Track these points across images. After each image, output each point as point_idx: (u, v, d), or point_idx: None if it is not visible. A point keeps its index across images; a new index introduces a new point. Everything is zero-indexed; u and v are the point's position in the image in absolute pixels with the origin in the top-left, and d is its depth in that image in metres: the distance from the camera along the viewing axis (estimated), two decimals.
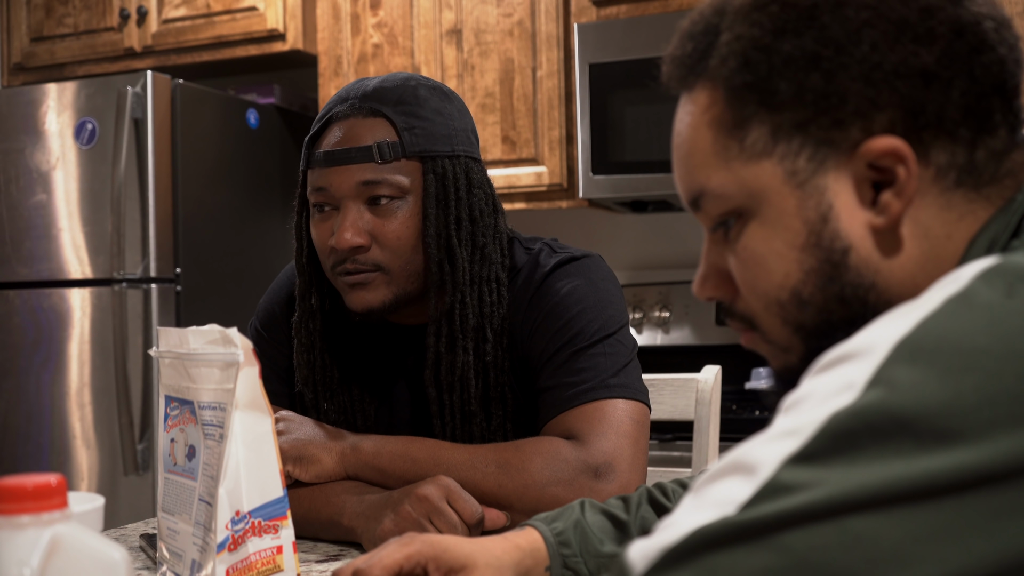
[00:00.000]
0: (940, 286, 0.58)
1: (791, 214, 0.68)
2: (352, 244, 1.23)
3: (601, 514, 0.99)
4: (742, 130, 0.70)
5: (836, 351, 0.57)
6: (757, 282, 0.71)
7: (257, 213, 3.07)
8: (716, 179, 0.71)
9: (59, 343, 2.81)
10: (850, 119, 0.67)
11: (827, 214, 0.67)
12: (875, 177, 0.67)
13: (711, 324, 2.84)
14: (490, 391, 1.29)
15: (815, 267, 0.68)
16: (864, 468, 0.50)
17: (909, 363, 0.52)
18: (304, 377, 1.35)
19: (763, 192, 0.69)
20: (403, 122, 1.25)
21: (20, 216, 2.86)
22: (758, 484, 0.52)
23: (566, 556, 0.94)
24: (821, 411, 0.53)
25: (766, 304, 0.71)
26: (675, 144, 0.75)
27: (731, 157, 0.70)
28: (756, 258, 0.70)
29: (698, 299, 0.76)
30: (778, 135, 0.68)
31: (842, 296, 0.68)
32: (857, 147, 0.67)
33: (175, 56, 3.16)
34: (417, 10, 2.90)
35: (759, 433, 0.56)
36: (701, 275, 0.76)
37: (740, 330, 0.75)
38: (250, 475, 0.92)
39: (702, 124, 0.72)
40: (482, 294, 1.28)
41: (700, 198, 0.73)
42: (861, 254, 0.68)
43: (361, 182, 1.24)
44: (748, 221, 0.70)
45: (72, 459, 2.80)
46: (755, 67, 0.69)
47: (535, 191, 2.80)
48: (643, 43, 2.59)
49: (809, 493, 0.50)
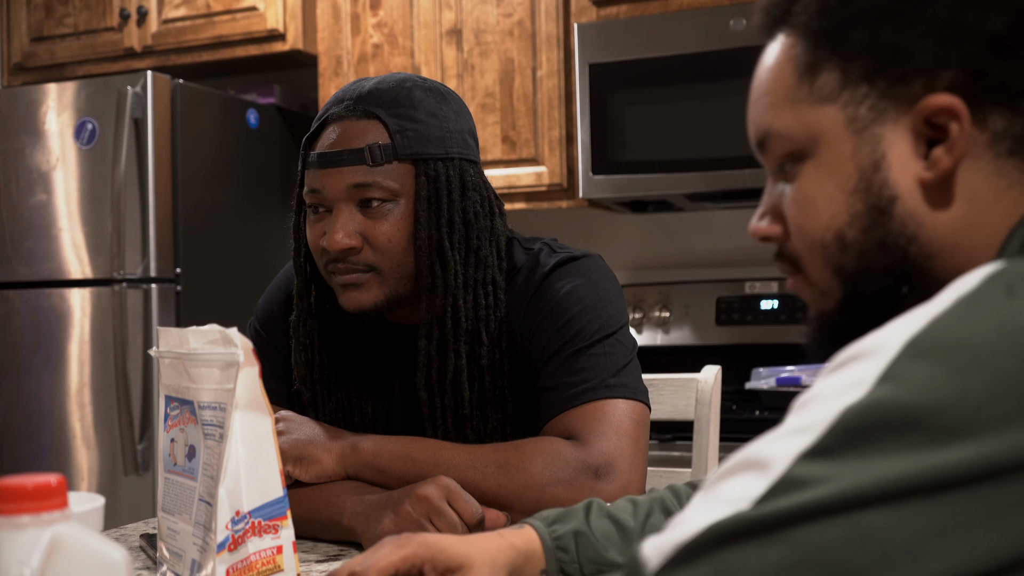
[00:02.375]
0: (953, 288, 0.59)
1: (846, 159, 0.71)
2: (342, 246, 1.23)
3: (607, 519, 0.98)
4: (813, 74, 0.73)
5: (847, 352, 0.58)
6: (806, 222, 0.74)
7: (257, 213, 3.07)
8: (782, 120, 0.75)
9: (59, 343, 2.81)
10: (914, 75, 0.69)
11: (879, 162, 0.70)
12: (930, 134, 0.69)
13: (711, 324, 2.84)
14: (486, 394, 1.29)
15: (861, 212, 0.71)
16: (876, 463, 0.52)
17: (919, 360, 0.54)
18: (302, 376, 1.35)
19: (823, 135, 0.72)
20: (396, 124, 1.25)
21: (20, 216, 2.86)
22: (772, 480, 0.53)
23: (563, 561, 0.94)
24: (833, 407, 0.54)
25: (811, 244, 0.74)
26: (752, 87, 0.79)
27: (800, 99, 0.74)
28: (808, 198, 0.74)
29: (752, 237, 0.81)
30: (845, 82, 0.71)
31: (884, 243, 0.71)
32: (916, 102, 0.69)
33: (175, 56, 3.16)
34: (417, 10, 2.90)
35: (770, 430, 0.57)
36: (758, 213, 0.80)
37: (786, 272, 0.79)
38: (250, 475, 0.92)
39: (779, 67, 0.76)
40: (477, 297, 1.28)
41: (765, 138, 0.76)
42: (907, 205, 0.70)
43: (352, 185, 1.24)
44: (805, 162, 0.74)
45: (72, 459, 2.80)
46: (832, 15, 0.72)
47: (535, 191, 2.80)
48: (643, 43, 2.59)
49: (822, 488, 0.51)
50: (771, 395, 2.46)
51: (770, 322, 2.78)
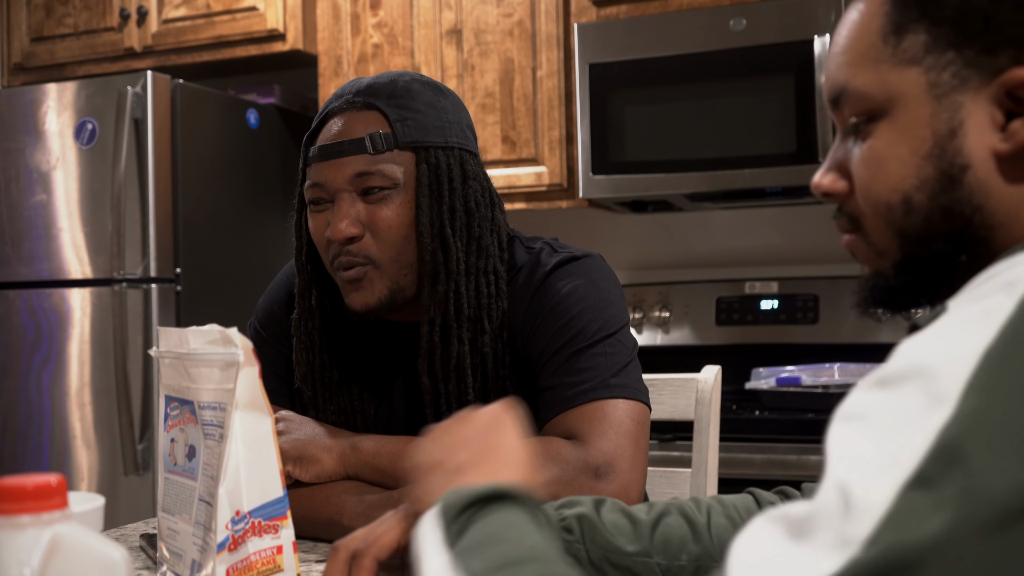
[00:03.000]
0: (1002, 282, 0.58)
1: (922, 123, 0.71)
2: (346, 235, 1.24)
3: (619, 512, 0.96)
4: (899, 36, 0.73)
5: (897, 366, 0.56)
6: (874, 182, 0.74)
7: (257, 213, 3.07)
8: (861, 78, 0.74)
9: (59, 343, 2.81)
10: (1002, 46, 0.69)
11: (956, 130, 0.70)
12: (1010, 107, 0.69)
13: (711, 324, 2.84)
14: (489, 383, 1.29)
15: (932, 177, 0.71)
16: (984, 482, 0.49)
17: (1005, 369, 0.52)
18: (303, 375, 1.35)
19: (902, 97, 0.72)
20: (396, 114, 1.26)
21: (20, 216, 2.86)
22: (877, 517, 0.50)
23: (567, 542, 0.93)
24: (922, 430, 0.52)
25: (875, 204, 0.74)
26: (833, 42, 0.79)
27: (882, 59, 0.73)
28: (879, 158, 0.73)
29: (814, 192, 0.80)
30: (932, 47, 0.71)
31: (949, 210, 0.71)
32: (1001, 73, 0.69)
33: (175, 56, 3.16)
34: (417, 10, 2.90)
35: (837, 457, 0.54)
36: (824, 168, 0.79)
37: (844, 230, 0.79)
38: (250, 475, 0.92)
39: (864, 25, 0.75)
40: (479, 285, 1.28)
41: (841, 95, 0.76)
42: (978, 175, 0.70)
43: (354, 174, 1.24)
44: (880, 122, 0.73)
45: (72, 459, 2.80)
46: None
47: (535, 191, 2.80)
48: (643, 43, 2.59)
49: (937, 519, 0.49)
50: (771, 395, 2.46)
51: (770, 322, 2.78)
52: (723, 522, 0.99)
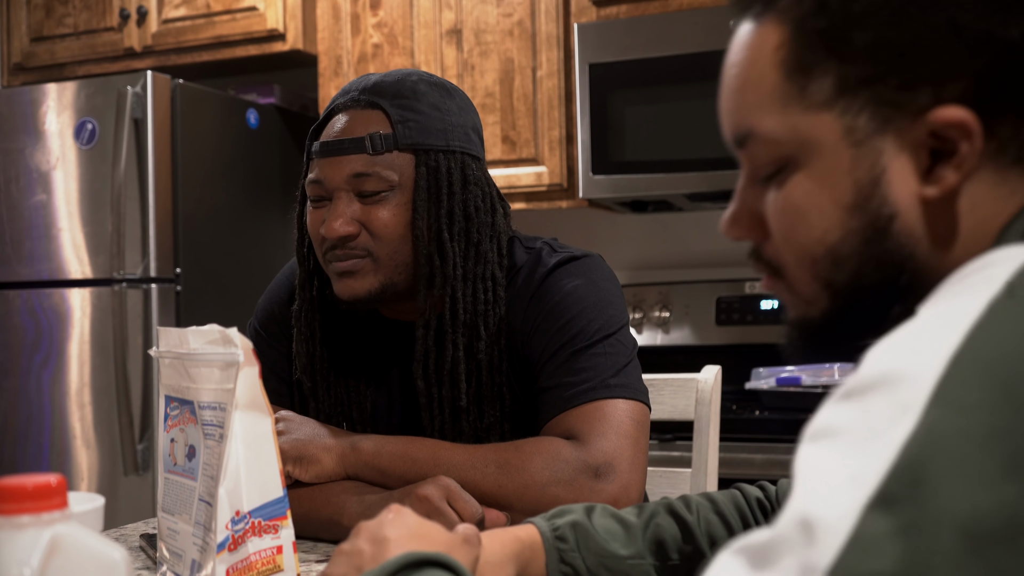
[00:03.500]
0: (969, 283, 0.55)
1: (842, 172, 0.65)
2: (340, 233, 1.24)
3: (610, 517, 0.97)
4: (805, 76, 0.66)
5: (865, 376, 0.53)
6: (794, 234, 0.68)
7: (257, 213, 3.07)
8: (769, 123, 0.67)
9: (59, 343, 2.81)
10: (921, 83, 0.63)
11: (879, 177, 0.64)
12: (935, 145, 0.63)
13: (711, 324, 2.84)
14: (483, 389, 1.29)
15: (857, 228, 0.65)
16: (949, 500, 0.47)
17: (971, 379, 0.50)
18: (303, 365, 1.35)
19: (817, 145, 0.66)
20: (398, 115, 1.26)
21: (20, 216, 2.86)
22: (840, 542, 0.48)
23: (563, 551, 0.93)
24: (884, 444, 0.49)
25: (799, 257, 0.68)
26: (728, 74, 0.71)
27: (789, 103, 0.66)
28: (798, 210, 0.67)
29: (726, 237, 0.73)
30: (843, 88, 0.64)
31: (879, 260, 0.65)
32: (923, 113, 0.63)
33: (175, 56, 3.16)
34: (417, 10, 2.90)
35: (801, 479, 0.52)
36: (732, 214, 0.72)
37: (764, 274, 0.72)
38: (250, 475, 0.92)
39: (763, 62, 0.68)
40: (476, 291, 1.28)
41: (747, 139, 0.69)
42: (906, 222, 0.64)
43: (352, 174, 1.25)
44: (794, 171, 0.67)
45: (72, 459, 2.80)
46: (831, 13, 0.64)
47: (535, 191, 2.80)
48: (643, 43, 2.59)
49: (896, 545, 0.47)
50: (771, 395, 2.46)
51: (770, 322, 2.78)
52: (713, 518, 0.99)
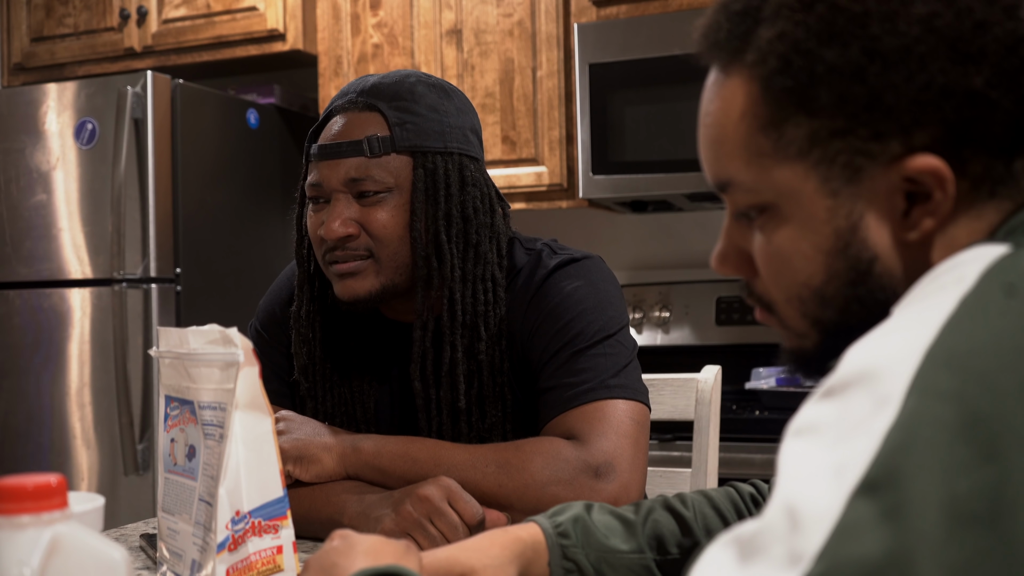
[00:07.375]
0: (941, 284, 0.57)
1: (821, 220, 0.67)
2: (339, 235, 1.24)
3: (609, 514, 0.98)
4: (777, 130, 0.68)
5: (845, 373, 0.55)
6: (780, 277, 0.71)
7: (257, 213, 3.07)
8: (746, 174, 0.69)
9: (59, 343, 2.81)
10: (891, 133, 0.64)
11: (857, 224, 0.66)
12: (909, 188, 0.65)
13: (711, 324, 2.84)
14: (485, 390, 1.29)
15: (840, 272, 0.68)
16: (932, 486, 0.48)
17: (945, 370, 0.51)
18: (301, 366, 1.35)
19: (794, 195, 0.68)
20: (396, 117, 1.26)
21: (20, 216, 2.86)
22: (827, 530, 0.49)
23: (565, 547, 0.94)
24: (867, 435, 0.51)
25: (787, 297, 0.71)
26: (704, 123, 0.73)
27: (763, 154, 0.68)
28: (782, 256, 0.70)
29: (716, 272, 0.76)
30: (815, 140, 0.66)
31: (863, 300, 0.68)
32: (895, 161, 0.65)
33: (175, 56, 3.16)
34: (417, 10, 2.90)
35: (786, 472, 0.53)
36: (720, 252, 0.75)
37: (756, 308, 0.75)
38: (250, 475, 0.92)
39: (735, 115, 0.70)
40: (475, 292, 1.28)
41: (728, 186, 0.71)
42: (887, 264, 0.67)
43: (349, 177, 1.25)
44: (776, 216, 0.69)
45: (72, 459, 2.80)
46: (796, 72, 0.66)
47: (535, 191, 2.80)
48: (643, 43, 2.59)
49: (884, 530, 0.48)
50: (771, 395, 2.46)
51: None
52: (709, 512, 1.01)
